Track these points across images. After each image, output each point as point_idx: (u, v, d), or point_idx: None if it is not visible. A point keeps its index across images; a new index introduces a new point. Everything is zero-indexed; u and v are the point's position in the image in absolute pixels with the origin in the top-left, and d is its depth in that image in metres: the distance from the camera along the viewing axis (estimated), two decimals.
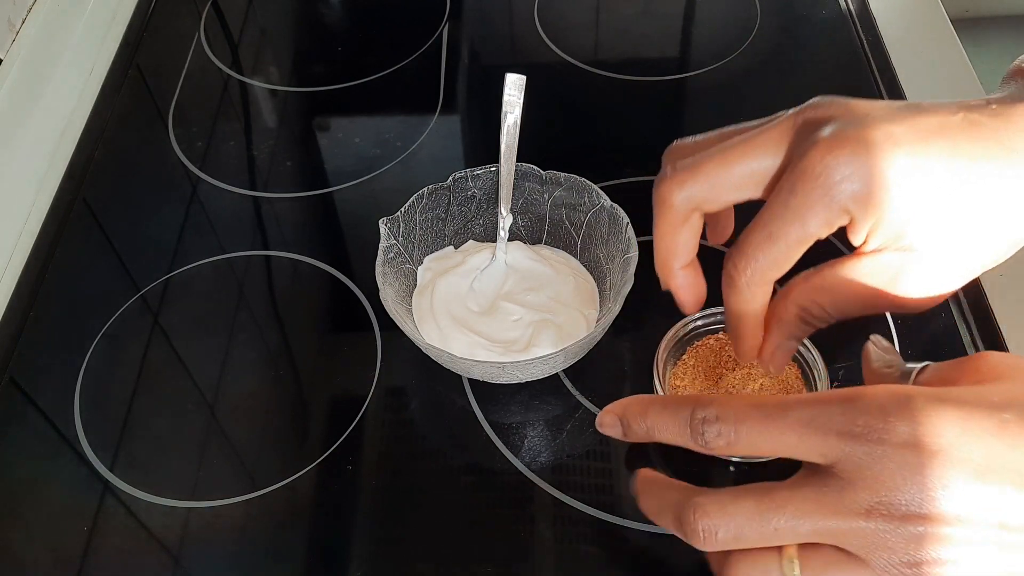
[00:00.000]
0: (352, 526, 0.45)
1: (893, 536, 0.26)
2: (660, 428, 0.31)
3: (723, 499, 0.28)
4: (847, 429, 0.27)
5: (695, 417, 0.29)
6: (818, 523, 0.27)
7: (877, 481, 0.26)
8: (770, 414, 0.28)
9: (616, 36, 0.72)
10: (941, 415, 0.27)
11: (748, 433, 0.28)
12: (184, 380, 0.51)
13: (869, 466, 0.26)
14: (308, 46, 0.75)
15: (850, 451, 0.27)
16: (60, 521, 0.46)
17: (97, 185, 0.63)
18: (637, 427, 0.32)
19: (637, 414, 0.32)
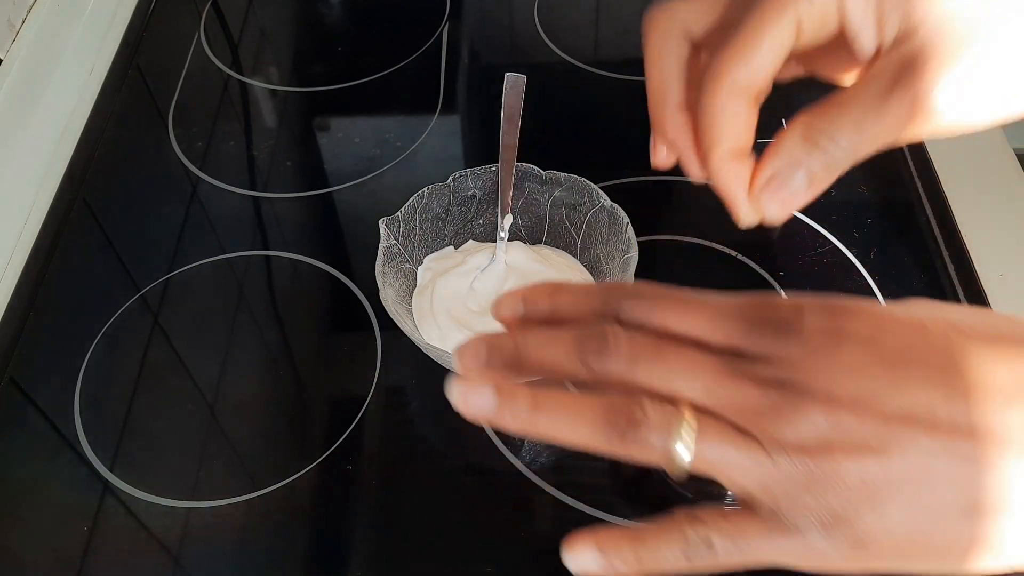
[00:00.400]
0: (352, 526, 0.45)
1: (786, 410, 0.25)
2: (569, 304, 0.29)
3: (632, 330, 0.27)
4: (759, 317, 0.26)
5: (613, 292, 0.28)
6: (711, 382, 0.26)
7: (783, 357, 0.25)
8: (688, 298, 0.28)
9: (616, 36, 0.72)
10: (859, 310, 0.26)
11: (664, 310, 0.27)
12: (184, 380, 0.51)
13: (777, 348, 0.26)
14: (308, 46, 0.75)
15: (760, 335, 0.26)
16: (60, 521, 0.46)
17: (97, 185, 0.63)
18: (542, 304, 0.29)
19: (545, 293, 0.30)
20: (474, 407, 0.28)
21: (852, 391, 0.25)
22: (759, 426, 0.25)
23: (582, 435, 0.26)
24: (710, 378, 0.26)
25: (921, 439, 0.24)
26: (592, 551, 0.27)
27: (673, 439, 0.25)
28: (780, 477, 0.25)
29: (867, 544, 0.25)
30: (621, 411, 0.26)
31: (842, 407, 0.24)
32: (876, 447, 0.24)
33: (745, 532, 0.26)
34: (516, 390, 0.27)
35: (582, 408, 0.26)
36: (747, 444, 0.25)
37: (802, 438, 0.25)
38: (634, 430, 0.25)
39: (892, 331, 0.26)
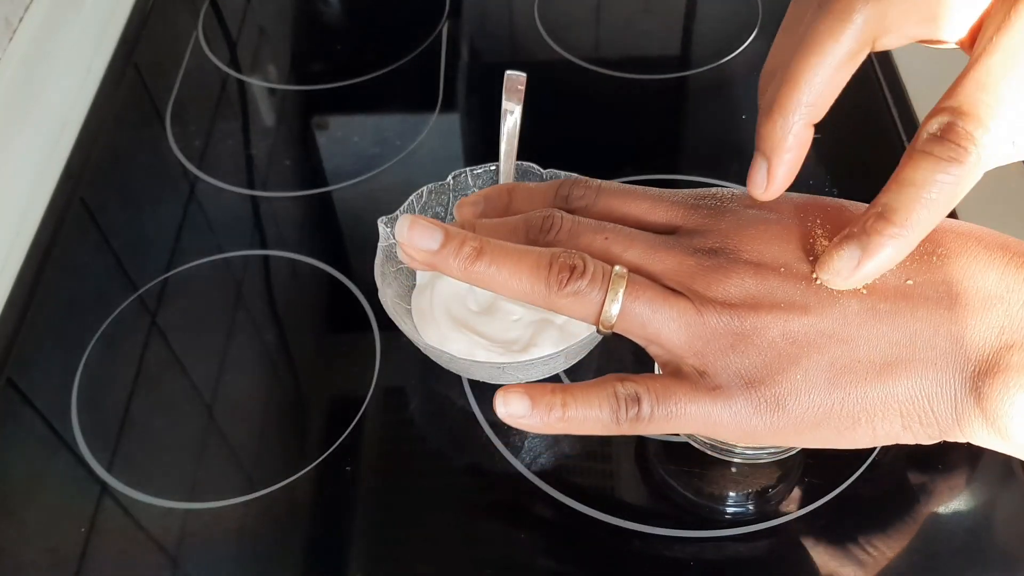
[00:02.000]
0: (352, 526, 0.45)
1: (716, 272, 0.26)
2: (524, 199, 0.31)
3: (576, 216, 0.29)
4: (697, 199, 0.29)
5: (563, 184, 0.30)
6: (646, 251, 0.27)
7: (715, 231, 0.27)
8: (632, 188, 0.30)
9: (617, 34, 0.72)
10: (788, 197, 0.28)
11: (608, 197, 0.29)
12: (182, 380, 0.51)
13: (711, 223, 0.28)
14: (307, 44, 0.75)
15: (696, 213, 0.28)
16: (57, 522, 0.46)
17: (95, 184, 0.62)
18: (499, 200, 0.31)
19: (503, 190, 0.31)
20: (419, 243, 0.28)
21: (781, 258, 0.26)
22: (690, 286, 0.26)
23: (523, 283, 0.27)
24: (645, 247, 0.28)
25: (848, 300, 0.25)
26: (522, 399, 0.27)
27: (606, 290, 0.26)
28: (707, 332, 0.26)
29: (786, 404, 0.25)
30: (561, 261, 0.27)
31: (771, 272, 0.26)
32: (800, 305, 0.25)
33: (672, 392, 0.27)
34: (464, 236, 0.28)
35: (525, 256, 0.27)
36: (677, 300, 0.26)
37: (730, 295, 0.26)
38: (572, 280, 0.26)
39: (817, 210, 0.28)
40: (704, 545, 0.43)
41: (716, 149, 0.62)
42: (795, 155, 0.28)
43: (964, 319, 0.25)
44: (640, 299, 0.27)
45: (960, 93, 0.24)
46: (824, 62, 0.26)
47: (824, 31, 0.26)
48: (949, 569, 0.41)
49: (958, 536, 0.42)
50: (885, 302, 0.25)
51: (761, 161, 0.28)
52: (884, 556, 0.42)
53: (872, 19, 0.26)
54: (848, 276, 0.25)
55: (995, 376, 0.24)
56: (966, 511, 0.43)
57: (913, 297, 0.25)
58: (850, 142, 0.57)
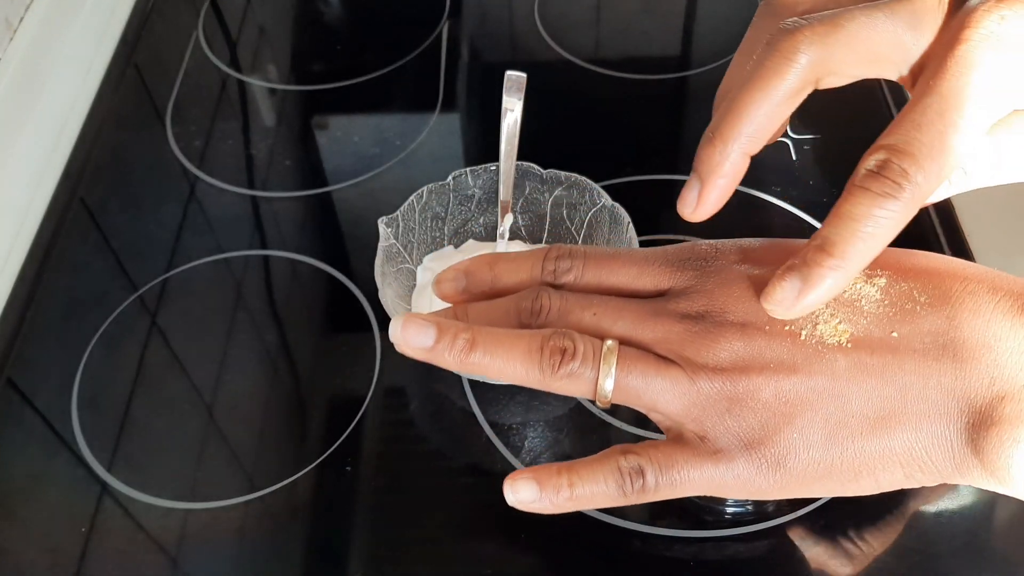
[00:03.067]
0: (352, 526, 0.45)
1: (704, 338, 0.26)
2: (509, 273, 0.30)
3: (562, 291, 0.29)
4: (681, 259, 0.29)
5: (548, 256, 0.30)
6: (634, 322, 0.28)
7: (702, 291, 0.27)
8: (615, 252, 0.30)
9: (617, 34, 0.72)
10: (779, 244, 0.28)
11: (595, 267, 0.29)
12: (182, 380, 0.51)
13: (698, 282, 0.28)
14: (307, 44, 0.75)
15: (682, 275, 0.28)
16: (58, 522, 0.46)
17: (95, 184, 0.62)
18: (483, 275, 0.31)
19: (484, 264, 0.31)
20: (413, 341, 0.29)
21: (765, 315, 0.26)
22: (680, 353, 0.27)
23: (517, 370, 0.27)
24: (634, 317, 0.28)
25: (835, 357, 0.26)
26: (530, 485, 0.28)
27: (598, 367, 0.27)
28: (701, 398, 0.26)
29: (787, 463, 0.26)
30: (552, 344, 0.27)
31: (757, 332, 0.26)
32: (789, 365, 0.26)
33: (675, 460, 0.27)
34: (456, 328, 0.28)
35: (517, 343, 0.28)
36: (669, 369, 0.27)
37: (720, 360, 0.26)
38: (564, 362, 0.27)
39: None
40: (704, 545, 0.43)
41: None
42: (729, 181, 0.29)
43: (953, 371, 0.25)
44: (633, 372, 0.27)
45: (898, 132, 0.25)
46: (767, 98, 0.27)
47: (770, 68, 0.27)
48: (949, 569, 0.41)
49: (958, 536, 0.42)
50: (872, 356, 0.26)
51: (695, 182, 0.29)
52: (883, 556, 0.42)
53: (817, 61, 0.27)
54: (790, 306, 0.26)
55: (990, 429, 0.24)
56: (966, 511, 0.43)
57: (900, 350, 0.26)
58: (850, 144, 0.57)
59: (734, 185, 0.29)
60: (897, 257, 0.28)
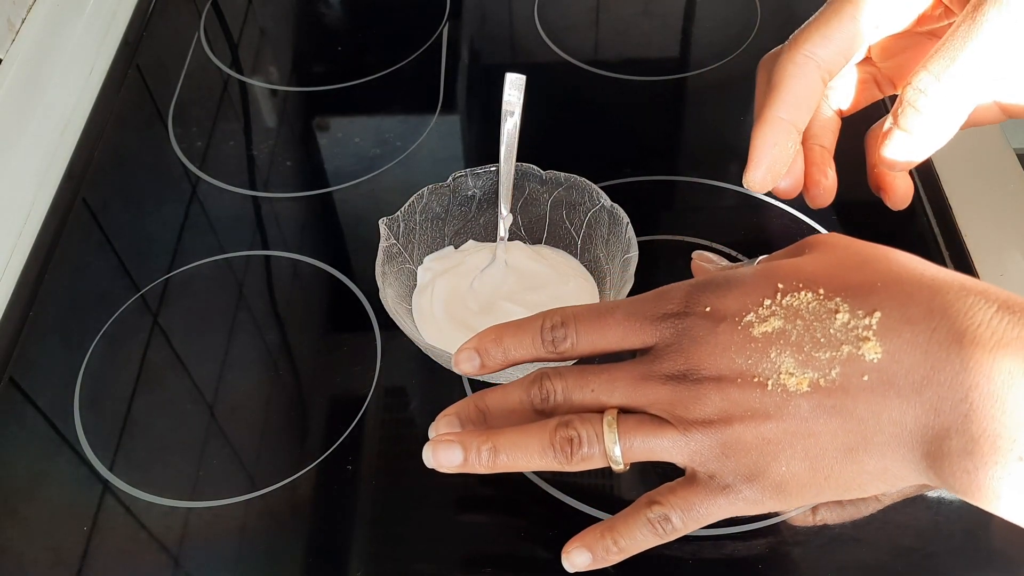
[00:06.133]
0: (352, 526, 0.45)
1: (688, 397, 0.30)
2: (515, 346, 0.34)
3: (561, 368, 0.33)
4: (660, 313, 0.32)
5: (544, 326, 0.33)
6: (627, 389, 0.31)
7: (679, 351, 0.31)
8: (601, 312, 0.33)
9: (616, 36, 0.72)
10: (736, 286, 0.31)
11: (586, 332, 0.33)
12: (184, 380, 0.51)
13: (675, 340, 0.31)
14: (308, 46, 0.75)
15: (661, 332, 0.31)
16: (60, 521, 0.46)
17: (97, 185, 0.63)
18: (494, 352, 0.34)
19: (492, 341, 0.35)
20: (445, 463, 0.33)
21: (734, 367, 0.30)
22: (671, 413, 0.31)
23: (538, 464, 0.32)
24: (626, 386, 0.32)
25: (799, 402, 0.28)
26: (582, 552, 0.33)
27: (604, 445, 0.31)
28: (699, 449, 0.30)
29: (786, 487, 0.30)
30: (559, 437, 0.32)
31: (731, 385, 0.30)
32: (762, 412, 0.29)
33: (692, 501, 0.31)
34: (478, 442, 0.33)
35: (530, 442, 0.32)
36: (665, 430, 0.31)
37: (706, 414, 0.30)
38: (575, 449, 0.31)
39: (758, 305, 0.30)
40: (703, 544, 0.43)
41: (715, 150, 0.62)
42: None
43: (899, 405, 0.27)
44: (635, 438, 0.31)
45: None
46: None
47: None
48: (949, 569, 0.42)
49: (957, 536, 0.43)
50: (829, 398, 0.28)
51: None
52: (883, 555, 0.42)
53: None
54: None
55: (943, 461, 0.27)
56: (966, 511, 0.43)
57: (850, 389, 0.28)
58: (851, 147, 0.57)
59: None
60: (860, 277, 0.29)
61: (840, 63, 0.34)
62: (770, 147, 0.35)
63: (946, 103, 0.32)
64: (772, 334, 0.29)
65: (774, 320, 0.29)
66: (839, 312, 0.29)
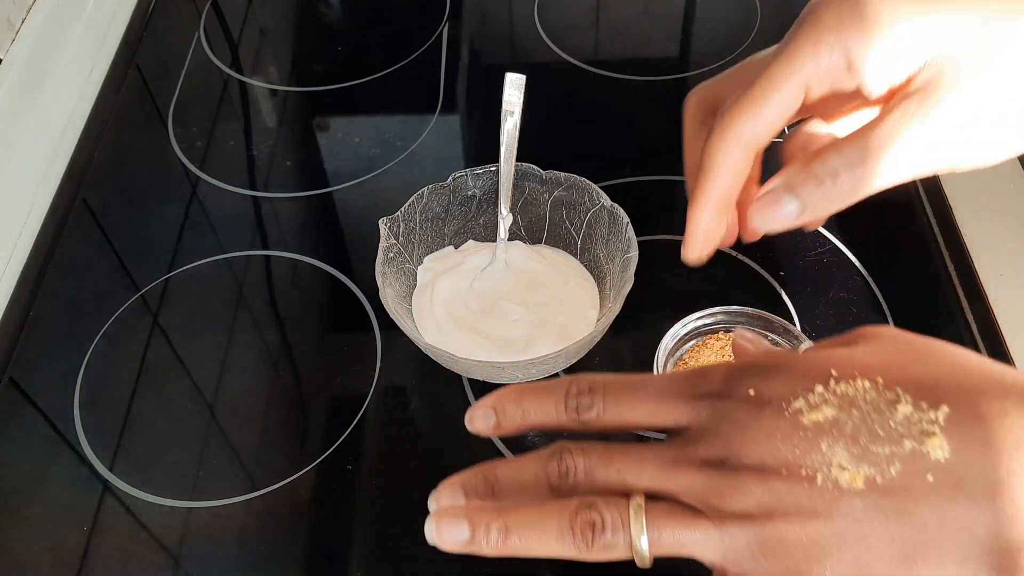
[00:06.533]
0: (352, 526, 0.45)
1: (726, 486, 0.27)
2: (535, 409, 0.31)
3: (584, 444, 0.30)
4: (697, 393, 0.29)
5: (569, 392, 0.30)
6: (657, 473, 0.28)
7: (718, 435, 0.27)
8: (632, 384, 0.30)
9: (616, 36, 0.72)
10: (785, 370, 0.28)
11: (615, 404, 0.30)
12: (184, 380, 0.51)
13: (714, 423, 0.28)
14: (308, 46, 0.75)
15: (698, 413, 0.28)
16: (60, 521, 0.46)
17: (97, 185, 0.63)
18: (512, 412, 0.31)
19: (511, 401, 0.32)
20: (449, 540, 0.30)
21: (779, 457, 0.26)
22: (706, 503, 0.27)
23: (553, 549, 0.28)
24: (656, 468, 0.28)
25: (852, 501, 0.26)
26: None
27: (629, 534, 0.28)
28: (734, 545, 0.27)
29: None
30: (580, 519, 0.28)
31: (775, 475, 0.26)
32: (810, 510, 0.26)
33: None
34: (488, 519, 0.29)
35: (548, 523, 0.29)
36: (697, 521, 0.27)
37: (745, 507, 0.27)
38: (596, 535, 0.28)
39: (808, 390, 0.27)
40: None
41: None
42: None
43: (968, 511, 0.25)
44: (664, 529, 0.27)
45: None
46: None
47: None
48: None
49: None
50: (887, 498, 0.25)
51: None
52: None
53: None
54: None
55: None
56: None
57: (912, 489, 0.25)
58: None
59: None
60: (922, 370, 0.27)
61: (771, 135, 0.32)
62: (703, 227, 0.34)
63: (857, 189, 0.31)
64: (824, 423, 0.26)
65: (827, 408, 0.27)
66: (900, 403, 0.26)
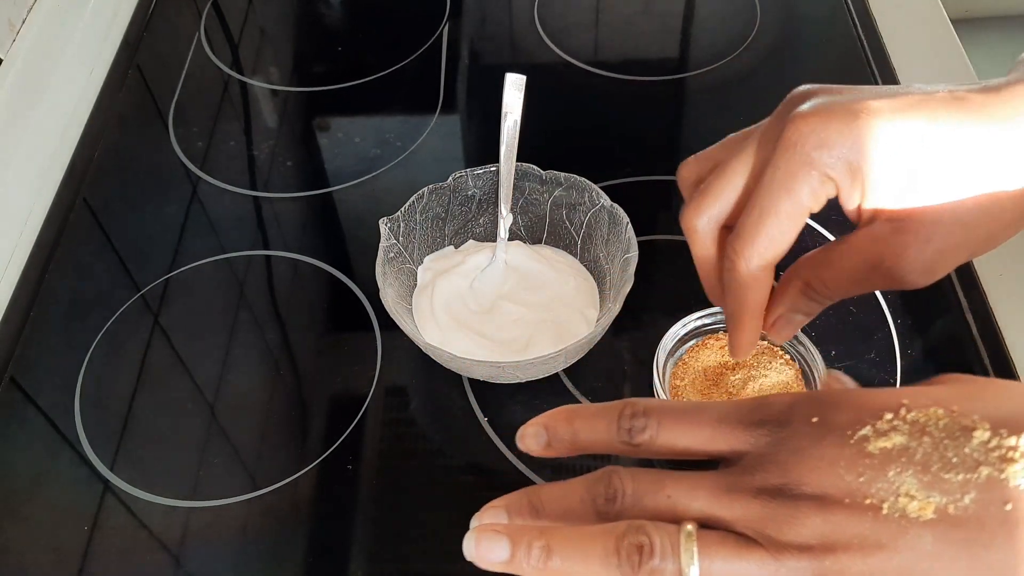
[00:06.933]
0: (352, 526, 0.45)
1: (784, 516, 0.26)
2: (587, 430, 0.30)
3: (634, 469, 0.29)
4: (755, 420, 0.28)
5: (623, 413, 0.30)
6: (710, 500, 0.27)
7: (776, 462, 0.26)
8: (689, 410, 0.29)
9: (616, 36, 0.72)
10: (852, 399, 0.27)
11: (670, 428, 0.29)
12: (184, 380, 0.52)
13: (772, 450, 0.27)
14: (308, 46, 0.75)
15: (755, 441, 0.27)
16: (61, 521, 0.46)
17: (97, 185, 0.63)
18: (563, 432, 0.31)
19: (562, 420, 0.31)
20: (489, 556, 0.29)
21: (842, 486, 0.25)
22: (762, 532, 0.26)
23: (597, 574, 0.27)
24: (709, 495, 0.27)
25: (921, 532, 0.24)
26: None
27: (679, 561, 0.26)
28: None
29: None
30: (628, 542, 0.27)
31: (837, 505, 0.25)
32: (874, 542, 0.24)
33: None
34: (529, 537, 0.28)
35: (593, 545, 0.27)
36: (752, 551, 0.26)
37: (803, 538, 0.25)
38: (644, 560, 0.26)
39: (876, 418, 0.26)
40: None
41: None
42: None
43: None
44: (716, 559, 0.26)
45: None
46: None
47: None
48: None
49: None
50: (959, 529, 0.24)
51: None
52: None
53: None
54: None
55: None
56: None
57: (987, 520, 0.24)
58: None
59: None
60: (1001, 402, 0.26)
61: (780, 253, 0.33)
62: (749, 339, 0.36)
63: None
64: (892, 450, 0.25)
65: (896, 436, 0.25)
66: (977, 430, 0.25)
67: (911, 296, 0.53)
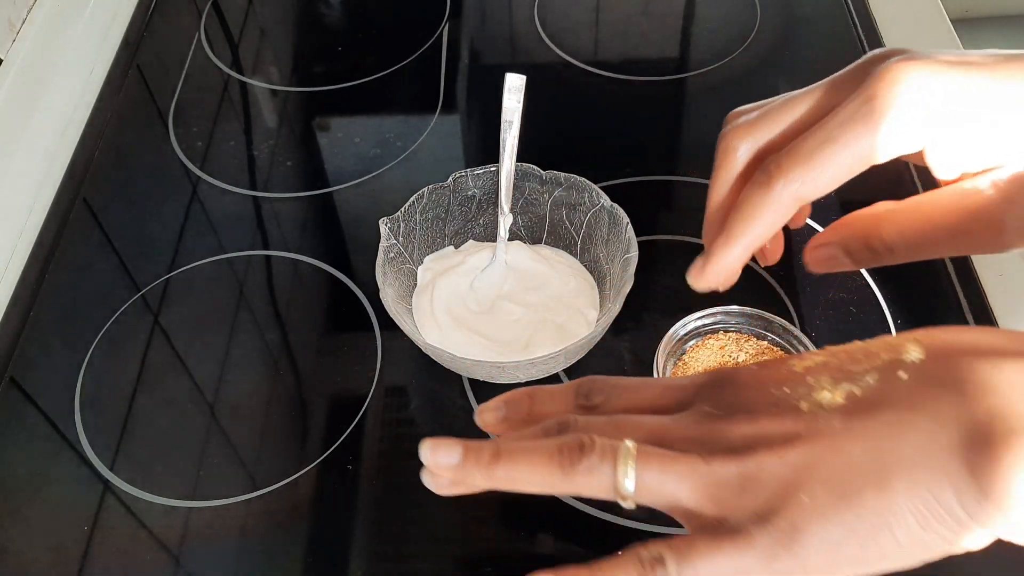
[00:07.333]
0: (352, 526, 0.45)
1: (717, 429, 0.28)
2: (545, 401, 0.32)
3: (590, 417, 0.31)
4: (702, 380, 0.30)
5: (582, 383, 0.31)
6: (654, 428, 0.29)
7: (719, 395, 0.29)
8: (643, 380, 0.31)
9: (616, 36, 0.72)
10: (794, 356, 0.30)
11: (622, 392, 0.31)
12: (184, 380, 0.52)
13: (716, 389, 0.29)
14: (308, 46, 0.75)
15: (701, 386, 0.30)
16: (60, 521, 0.46)
17: (97, 185, 0.63)
18: (522, 404, 0.32)
19: (522, 394, 0.32)
20: (442, 461, 0.30)
21: (770, 399, 0.28)
22: (697, 443, 0.28)
23: (540, 473, 0.29)
24: (654, 423, 0.29)
25: (831, 418, 0.27)
26: None
27: (616, 466, 0.28)
28: (718, 480, 0.28)
29: (803, 530, 0.26)
30: (570, 442, 0.28)
31: (763, 414, 0.28)
32: (793, 435, 0.27)
33: (694, 546, 0.27)
34: (481, 444, 0.30)
35: (538, 448, 0.29)
36: (686, 457, 0.28)
37: (732, 443, 0.28)
38: (582, 458, 0.28)
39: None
40: None
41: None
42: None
43: (939, 402, 0.25)
44: (651, 465, 0.28)
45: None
46: None
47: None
48: (949, 569, 0.42)
49: None
50: (863, 406, 0.26)
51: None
52: None
53: None
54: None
55: (985, 455, 0.24)
56: None
57: (889, 393, 0.26)
58: None
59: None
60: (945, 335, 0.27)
61: (820, 193, 0.31)
62: (726, 265, 0.33)
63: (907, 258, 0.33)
64: (812, 366, 0.28)
65: (817, 357, 0.28)
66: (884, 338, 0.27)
67: (911, 296, 0.53)
